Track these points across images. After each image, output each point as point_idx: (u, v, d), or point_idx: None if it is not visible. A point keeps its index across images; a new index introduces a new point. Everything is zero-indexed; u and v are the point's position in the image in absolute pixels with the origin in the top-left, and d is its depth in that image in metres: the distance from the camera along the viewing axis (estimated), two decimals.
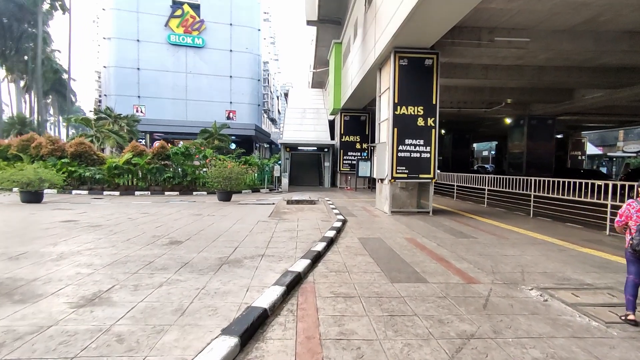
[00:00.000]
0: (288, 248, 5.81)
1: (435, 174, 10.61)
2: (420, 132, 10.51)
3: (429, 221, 9.40)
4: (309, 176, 24.87)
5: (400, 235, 7.43)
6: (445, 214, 10.91)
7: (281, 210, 10.72)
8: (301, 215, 9.77)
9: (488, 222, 9.48)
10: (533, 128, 23.23)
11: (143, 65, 47.05)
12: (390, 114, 10.46)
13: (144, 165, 15.47)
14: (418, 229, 8.23)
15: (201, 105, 47.25)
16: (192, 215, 9.31)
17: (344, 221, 8.84)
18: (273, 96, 75.76)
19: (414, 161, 10.50)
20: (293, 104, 30.61)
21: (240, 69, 50.54)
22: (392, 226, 8.51)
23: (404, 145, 10.47)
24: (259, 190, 18.59)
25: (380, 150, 11.38)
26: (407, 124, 10.47)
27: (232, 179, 12.95)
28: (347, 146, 22.08)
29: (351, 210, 11.26)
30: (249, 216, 9.32)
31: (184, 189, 16.34)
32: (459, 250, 6.13)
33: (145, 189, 16.01)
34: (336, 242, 6.63)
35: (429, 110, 10.51)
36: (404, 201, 11.14)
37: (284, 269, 4.59)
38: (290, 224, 8.15)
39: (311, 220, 8.79)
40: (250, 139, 48.33)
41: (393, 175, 10.45)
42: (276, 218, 9.06)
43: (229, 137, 25.28)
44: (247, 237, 6.52)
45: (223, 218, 8.86)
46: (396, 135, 10.42)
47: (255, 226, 7.78)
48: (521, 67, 14.70)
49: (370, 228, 8.16)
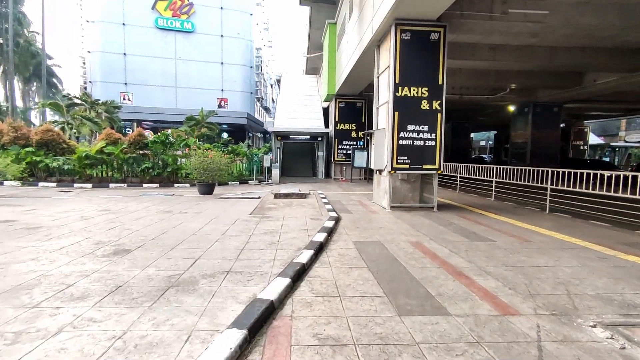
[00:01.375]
0: (264, 259, 4.57)
1: (441, 164, 9.38)
2: (425, 117, 9.24)
3: (434, 219, 8.20)
4: (302, 167, 23.57)
5: (404, 237, 6.22)
6: (451, 210, 9.73)
7: (266, 205, 9.46)
8: (288, 212, 8.52)
9: (501, 219, 8.30)
10: (538, 116, 22.02)
11: (130, 50, 45.07)
12: (391, 96, 9.16)
13: (119, 154, 14.07)
14: (423, 229, 7.03)
15: (191, 92, 45.45)
16: (160, 212, 8.02)
17: (337, 219, 7.61)
18: (266, 84, 73.74)
19: (417, 150, 9.25)
20: (285, 91, 29.11)
21: (231, 56, 48.67)
22: (393, 225, 7.30)
23: (405, 132, 9.20)
24: (247, 182, 17.29)
25: (379, 137, 10.12)
26: (409, 107, 9.18)
27: (214, 170, 11.64)
28: (342, 135, 20.76)
29: (346, 205, 10.03)
30: (228, 213, 8.05)
31: (164, 181, 14.99)
32: (478, 260, 4.93)
33: (121, 180, 14.65)
34: (327, 248, 5.40)
35: (434, 92, 9.23)
36: (404, 195, 9.93)
37: (252, 295, 3.36)
38: (274, 224, 6.89)
39: (299, 219, 7.54)
40: (242, 128, 46.76)
41: (393, 165, 9.20)
42: (258, 216, 7.81)
43: (217, 125, 23.86)
44: (217, 243, 5.26)
45: (196, 216, 7.59)
46: (397, 121, 9.15)
47: (230, 227, 6.52)
48: (532, 47, 13.41)
49: (368, 228, 6.94)
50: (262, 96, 69.07)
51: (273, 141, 21.51)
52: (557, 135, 22.49)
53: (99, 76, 44.48)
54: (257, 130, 53.10)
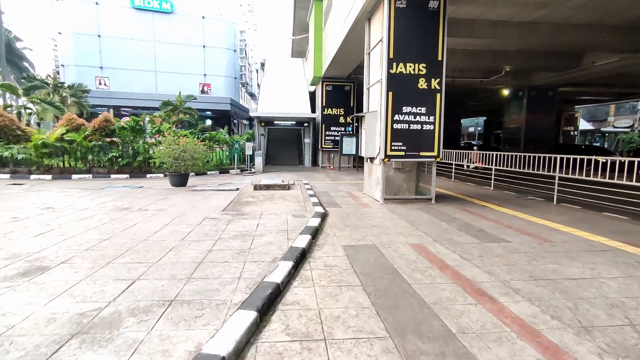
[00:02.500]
0: (226, 278, 3.48)
1: (441, 151, 8.37)
2: (422, 97, 8.16)
3: (434, 213, 7.22)
4: (288, 154, 22.37)
5: (402, 238, 5.21)
6: (450, 201, 8.78)
7: (243, 199, 8.33)
8: (268, 207, 7.42)
9: (508, 212, 7.38)
10: (533, 100, 21.23)
11: (104, 31, 42.44)
12: (384, 73, 8.03)
13: (82, 142, 12.64)
14: (424, 226, 6.03)
15: (172, 77, 43.23)
16: (116, 209, 6.80)
17: (323, 216, 6.55)
18: (252, 69, 71.37)
19: (414, 134, 8.20)
20: (270, 75, 27.65)
21: (214, 38, 46.41)
22: (389, 222, 6.28)
23: (401, 115, 8.12)
24: (228, 171, 16.05)
25: (370, 121, 9.02)
26: (405, 86, 8.09)
27: (186, 159, 10.39)
28: (330, 120, 19.59)
29: (334, 198, 8.98)
30: (197, 210, 6.90)
31: (135, 171, 13.65)
32: (498, 269, 3.95)
33: (86, 171, 13.25)
34: (310, 256, 4.34)
35: (433, 69, 8.14)
36: (399, 185, 8.92)
37: (195, 348, 2.28)
38: (248, 224, 5.79)
39: (279, 216, 6.45)
40: (227, 115, 44.94)
41: (387, 153, 8.14)
42: (232, 213, 6.68)
43: (196, 111, 22.31)
44: (170, 254, 4.14)
45: (157, 214, 6.41)
46: (391, 102, 8.05)
47: (195, 229, 5.39)
48: (535, 23, 12.40)
49: (360, 227, 5.90)
50: (247, 82, 66.83)
51: (256, 127, 20.21)
52: (552, 120, 21.79)
53: (72, 59, 41.87)
54: (242, 117, 51.29)
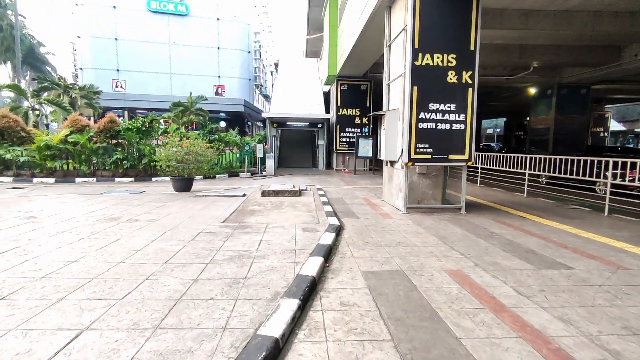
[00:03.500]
0: (207, 328, 2.59)
1: (472, 154, 7.32)
2: (452, 93, 7.15)
3: (466, 225, 6.20)
4: (301, 157, 21.53)
5: (436, 261, 4.24)
6: (481, 211, 7.72)
7: (249, 207, 7.47)
8: (275, 217, 6.53)
9: (554, 225, 6.29)
10: (563, 98, 19.73)
11: (121, 35, 42.87)
12: (408, 65, 7.06)
13: (86, 143, 12.08)
14: (459, 243, 5.04)
15: (187, 79, 43.20)
16: (103, 220, 6.03)
17: (338, 229, 5.62)
18: (266, 71, 71.08)
19: (442, 135, 7.18)
20: (283, 75, 26.91)
21: (228, 40, 46.30)
22: (416, 238, 5.30)
23: (426, 113, 7.12)
24: (237, 174, 15.29)
25: (391, 120, 8.05)
26: (431, 80, 7.09)
27: (189, 162, 9.64)
28: (345, 121, 18.64)
29: (350, 206, 8.04)
30: (194, 221, 6.07)
31: (140, 174, 13.03)
32: (573, 314, 2.94)
33: (90, 174, 12.69)
34: (322, 288, 3.42)
35: (464, 60, 7.12)
36: (423, 192, 7.91)
37: None
38: (250, 240, 4.91)
39: (287, 230, 5.55)
40: (241, 116, 44.62)
41: (411, 156, 7.15)
42: (233, 225, 5.82)
43: (207, 112, 21.72)
44: (144, 284, 3.27)
45: (148, 226, 5.61)
46: (416, 98, 7.06)
47: (186, 246, 4.54)
48: (571, 12, 11.21)
49: (382, 244, 4.95)
50: (262, 83, 66.49)
51: (268, 129, 19.44)
52: (584, 120, 20.22)
53: (90, 62, 42.38)
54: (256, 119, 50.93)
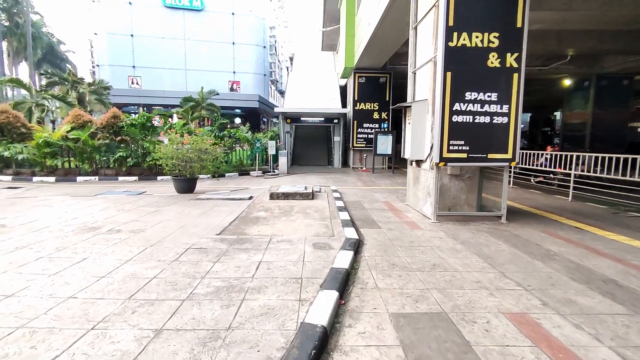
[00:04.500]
0: None
1: (517, 152, 6.14)
2: (493, 79, 5.99)
3: (512, 240, 5.07)
4: (316, 154, 20.52)
5: (489, 297, 3.17)
6: (524, 219, 6.54)
7: (254, 213, 6.52)
8: (282, 227, 5.55)
9: (625, 241, 5.09)
10: (602, 90, 18.02)
11: (137, 31, 42.85)
12: (440, 47, 5.92)
13: (88, 140, 11.41)
14: (510, 267, 3.94)
15: (202, 75, 42.75)
16: (78, 230, 5.15)
17: (357, 245, 4.59)
18: (282, 66, 70.19)
19: (481, 130, 6.03)
20: (298, 69, 25.91)
21: (243, 35, 45.70)
22: (453, 258, 4.23)
23: (462, 103, 5.98)
24: (248, 173, 14.42)
25: (418, 112, 6.93)
26: (469, 64, 5.94)
27: (193, 161, 8.77)
28: (363, 116, 17.50)
29: (369, 212, 6.98)
30: (185, 232, 5.14)
31: (145, 173, 12.31)
32: None
33: (93, 173, 12.05)
34: (335, 348, 2.41)
35: (509, 40, 5.94)
36: (455, 197, 6.78)
37: None
38: (246, 261, 3.94)
39: (294, 245, 4.56)
40: (256, 112, 43.98)
41: (443, 154, 6.04)
42: (231, 237, 4.87)
43: (219, 108, 20.99)
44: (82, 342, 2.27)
45: (129, 239, 4.71)
46: (450, 86, 5.93)
47: (164, 270, 3.61)
48: None
49: (413, 268, 3.90)
50: (277, 79, 65.70)
51: (282, 124, 18.50)
52: (626, 114, 18.41)
53: (107, 59, 42.56)
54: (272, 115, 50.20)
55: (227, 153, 14.19)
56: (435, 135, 6.08)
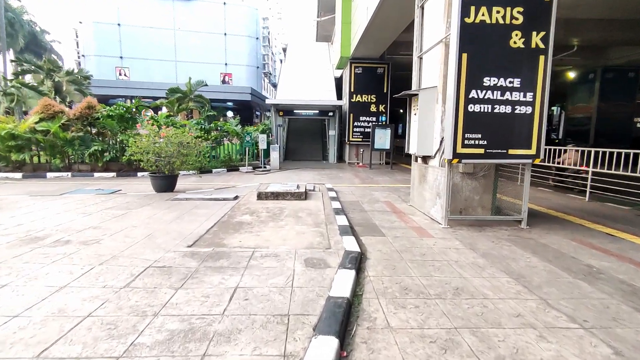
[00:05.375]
0: None
1: (542, 147, 5.32)
2: (516, 62, 5.13)
3: (542, 252, 4.27)
4: (310, 148, 19.60)
5: (539, 340, 2.35)
6: (547, 223, 5.75)
7: (237, 217, 5.63)
8: (268, 235, 4.68)
9: None
10: (608, 83, 17.33)
11: (124, 20, 41.26)
12: (455, 24, 5.04)
13: (59, 133, 10.38)
14: (552, 292, 3.13)
15: (193, 67, 41.31)
16: (17, 242, 4.21)
17: (358, 261, 3.74)
18: (275, 59, 68.73)
19: (501, 122, 5.19)
20: (291, 59, 24.86)
21: (235, 25, 44.31)
22: (480, 279, 3.40)
23: (480, 90, 5.13)
24: (237, 168, 13.48)
25: (425, 102, 6.08)
26: (489, 44, 5.08)
27: (173, 156, 7.83)
28: (359, 108, 16.62)
29: (370, 214, 6.14)
30: (150, 242, 4.25)
31: (124, 169, 11.31)
32: None
33: (65, 168, 11.03)
34: None
35: (535, 15, 5.08)
36: (468, 198, 5.96)
37: None
38: (218, 287, 3.07)
39: (281, 263, 3.69)
40: (249, 105, 42.80)
41: (457, 149, 5.19)
42: (204, 250, 3.98)
43: (208, 100, 19.92)
44: None
45: (78, 252, 3.81)
46: (466, 70, 5.07)
47: (105, 304, 2.72)
48: None
49: (431, 295, 3.06)
50: (271, 71, 64.30)
51: (274, 117, 17.53)
52: (632, 108, 17.76)
53: (93, 49, 40.99)
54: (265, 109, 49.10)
55: (214, 147, 13.23)
56: (447, 128, 5.23)
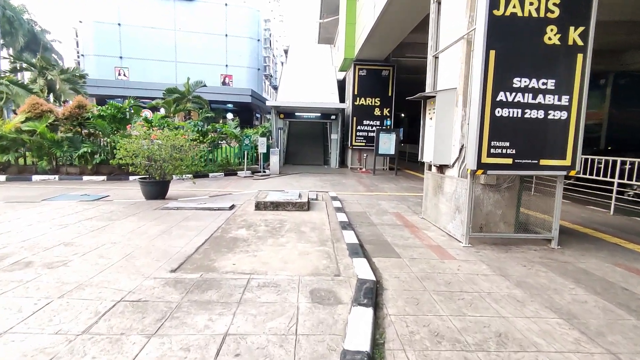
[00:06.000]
0: None
1: (578, 157, 4.70)
2: (550, 61, 4.52)
3: (584, 280, 3.64)
4: (311, 152, 19.00)
5: None
6: (579, 243, 5.12)
7: (232, 231, 5.00)
8: (266, 258, 4.05)
9: None
10: (621, 89, 16.77)
11: (125, 20, 40.79)
12: (481, 17, 4.43)
13: (46, 133, 9.76)
14: (624, 345, 2.49)
15: (193, 68, 40.73)
16: None
17: (374, 295, 3.11)
18: (276, 61, 68.24)
19: (532, 128, 4.57)
20: (293, 61, 24.31)
21: (236, 27, 43.83)
22: (523, 319, 2.77)
23: (510, 93, 4.52)
24: (235, 173, 12.85)
25: (444, 105, 5.46)
26: (519, 40, 4.47)
27: (165, 160, 7.21)
28: (363, 112, 16.03)
29: (380, 228, 5.51)
30: (130, 265, 3.62)
31: (116, 172, 10.69)
32: None
33: (53, 171, 10.40)
34: None
35: (572, 9, 4.47)
36: (490, 212, 5.33)
37: None
38: (204, 328, 2.44)
39: (282, 297, 3.06)
40: (249, 108, 42.26)
41: (482, 159, 4.57)
42: (191, 277, 3.35)
43: (206, 100, 19.34)
44: None
45: (38, 279, 3.17)
46: (493, 69, 4.46)
47: None
48: None
49: (469, 343, 2.43)
50: (272, 74, 63.79)
51: (274, 120, 16.93)
52: None
53: (92, 49, 40.46)
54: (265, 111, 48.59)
55: (211, 150, 12.60)
56: (470, 135, 4.61)
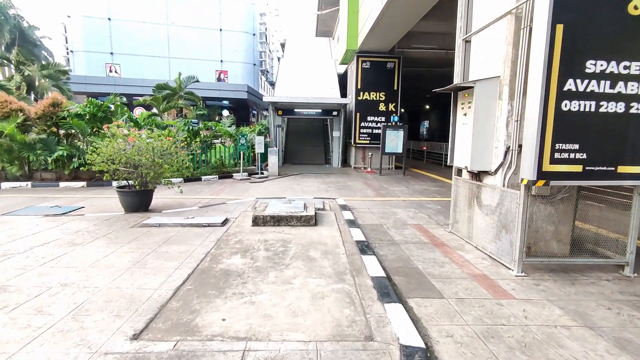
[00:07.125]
0: None
1: None
2: (636, 38, 3.50)
3: None
4: (312, 151, 17.93)
5: None
6: None
7: (223, 261, 3.96)
8: (268, 305, 3.02)
9: None
10: None
11: (115, 14, 39.31)
12: None
13: (15, 135, 8.65)
14: None
15: (187, 63, 39.35)
16: None
17: None
18: (272, 56, 66.87)
19: (609, 126, 3.55)
20: (290, 55, 23.19)
21: (231, 21, 42.50)
22: None
23: (581, 80, 3.48)
24: (231, 175, 11.78)
25: (484, 98, 4.43)
26: (594, 11, 3.44)
27: (146, 166, 6.14)
28: (367, 107, 14.96)
29: (404, 249, 4.49)
30: (81, 320, 2.58)
31: (97, 177, 9.58)
32: None
33: (25, 177, 9.30)
34: None
35: None
36: (539, 229, 4.33)
37: None
38: None
39: None
40: (245, 104, 41.01)
41: (543, 167, 3.54)
42: (163, 347, 2.32)
43: (199, 97, 18.21)
44: None
45: None
46: (560, 49, 3.42)
47: None
48: None
49: None
50: (268, 69, 62.45)
51: (272, 116, 15.84)
52: None
53: (82, 45, 39.01)
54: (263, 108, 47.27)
55: (203, 151, 11.52)
56: (530, 135, 3.58)
